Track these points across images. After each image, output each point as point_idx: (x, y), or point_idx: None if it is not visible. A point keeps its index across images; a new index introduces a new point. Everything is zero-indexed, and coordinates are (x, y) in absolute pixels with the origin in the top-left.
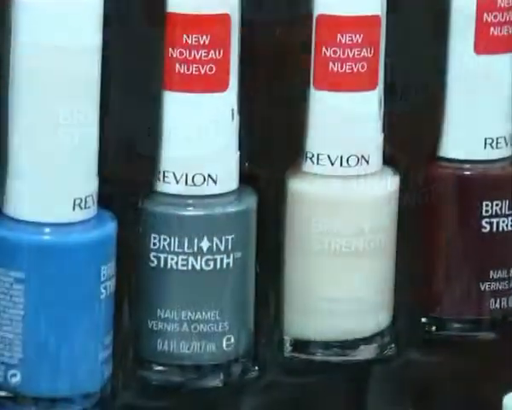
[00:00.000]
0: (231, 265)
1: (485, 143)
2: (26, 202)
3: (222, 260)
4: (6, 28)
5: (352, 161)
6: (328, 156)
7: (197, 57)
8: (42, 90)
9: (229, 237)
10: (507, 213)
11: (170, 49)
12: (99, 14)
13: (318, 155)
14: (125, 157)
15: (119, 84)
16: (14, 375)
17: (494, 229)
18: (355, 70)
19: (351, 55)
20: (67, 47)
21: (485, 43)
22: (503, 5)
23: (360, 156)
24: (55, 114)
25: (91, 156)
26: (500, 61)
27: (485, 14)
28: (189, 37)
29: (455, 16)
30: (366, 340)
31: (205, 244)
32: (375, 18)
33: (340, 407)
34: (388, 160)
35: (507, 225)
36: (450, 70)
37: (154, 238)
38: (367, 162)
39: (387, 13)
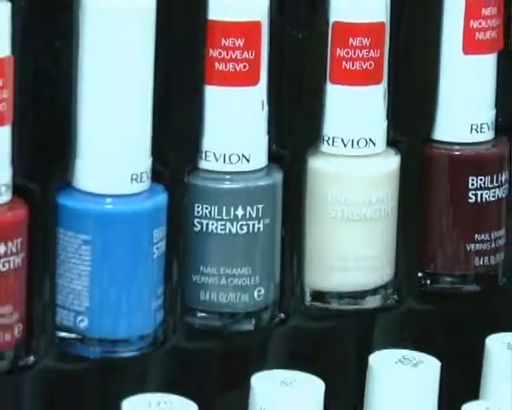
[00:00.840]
0: (261, 229)
1: (472, 129)
2: (92, 177)
3: (253, 225)
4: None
5: (362, 143)
6: (342, 139)
7: (233, 57)
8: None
9: (260, 206)
10: (489, 186)
11: (210, 50)
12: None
13: (333, 138)
14: (173, 140)
15: (170, 79)
16: (82, 320)
17: (479, 200)
18: (364, 68)
19: (360, 56)
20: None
21: (472, 45)
22: (486, 13)
23: (368, 139)
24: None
25: (146, 140)
26: (484, 60)
27: (472, 21)
28: (226, 40)
29: (446, 24)
30: (372, 291)
31: (239, 212)
32: (381, 24)
33: (350, 347)
34: (391, 142)
35: (489, 197)
36: (443, 68)
37: (198, 207)
38: (374, 144)
39: (391, 20)
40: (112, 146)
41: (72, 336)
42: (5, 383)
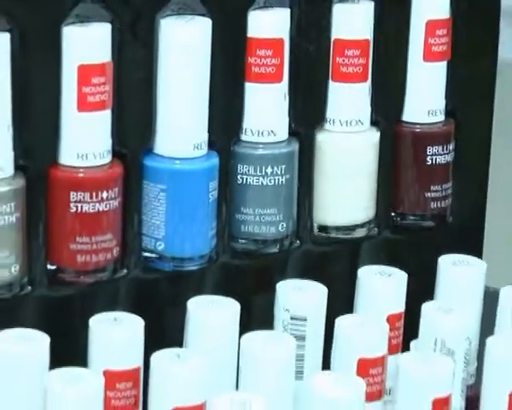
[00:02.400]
0: (284, 182)
1: (429, 113)
2: (167, 145)
3: (278, 179)
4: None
5: (353, 123)
6: (339, 120)
7: (264, 63)
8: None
9: (283, 166)
10: (441, 153)
11: (248, 58)
12: None
13: (333, 119)
14: (223, 120)
15: (220, 78)
16: (160, 244)
17: (433, 162)
18: (355, 71)
19: (352, 62)
20: None
21: (429, 56)
22: (440, 33)
23: (358, 120)
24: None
25: (204, 120)
26: (438, 66)
27: (430, 38)
28: (260, 51)
29: (411, 40)
30: (360, 225)
31: (269, 170)
32: (367, 41)
33: (344, 264)
34: (374, 122)
35: (441, 160)
36: (409, 71)
37: (240, 167)
38: (362, 124)
39: (374, 37)
40: (180, 124)
41: (153, 255)
42: (106, 288)
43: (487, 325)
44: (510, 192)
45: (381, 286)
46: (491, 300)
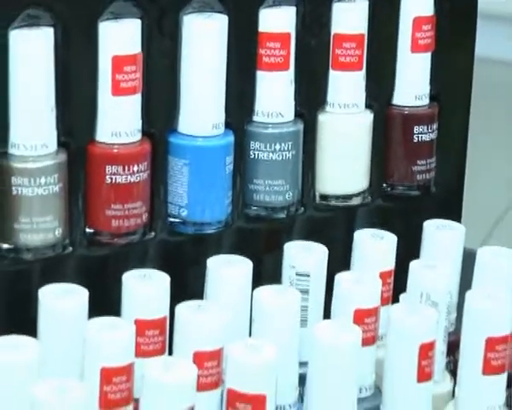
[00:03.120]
0: (290, 157)
1: (416, 97)
2: (189, 125)
3: (285, 154)
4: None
5: (351, 106)
6: (338, 103)
7: (274, 53)
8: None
9: (289, 143)
10: (426, 132)
11: (260, 49)
12: None
13: (333, 103)
14: (238, 103)
15: (235, 67)
16: (183, 211)
17: (420, 140)
18: (352, 61)
19: (350, 53)
20: None
21: (416, 47)
22: (425, 28)
23: (353, 103)
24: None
25: (221, 104)
26: (423, 56)
27: (417, 33)
28: (270, 43)
29: (401, 34)
30: (356, 194)
31: (277, 147)
32: (362, 35)
33: (342, 228)
34: (368, 105)
35: (426, 138)
36: (399, 61)
37: (252, 144)
38: (357, 107)
39: (368, 31)
40: (201, 107)
41: (177, 220)
42: (137, 249)
43: (466, 280)
44: (485, 166)
45: (374, 247)
46: (469, 259)
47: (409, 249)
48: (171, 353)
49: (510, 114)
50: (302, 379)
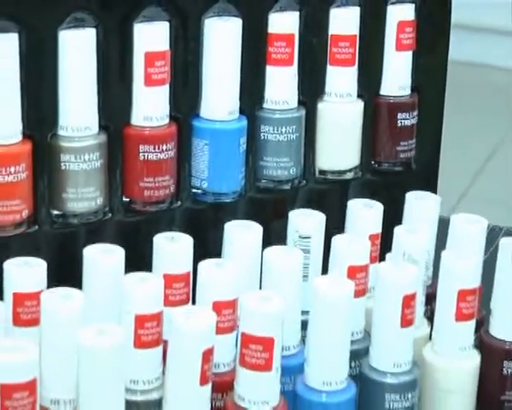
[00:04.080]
0: (294, 138)
1: (399, 88)
2: (209, 111)
3: (290, 136)
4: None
5: (345, 95)
6: (335, 93)
7: (280, 51)
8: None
9: (293, 127)
10: (407, 118)
11: (269, 48)
12: None
13: (331, 92)
14: (250, 93)
15: (248, 62)
16: (204, 183)
17: (403, 124)
18: (346, 57)
19: (344, 51)
20: None
21: (400, 46)
22: (407, 30)
23: (347, 93)
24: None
25: (236, 94)
26: (406, 54)
27: (400, 34)
28: (277, 42)
29: (387, 35)
30: (349, 170)
31: (283, 129)
32: (355, 36)
33: (337, 199)
34: (359, 95)
35: (407, 123)
36: (385, 57)
37: (262, 127)
38: (351, 96)
39: (360, 32)
40: (219, 96)
41: (199, 191)
42: (165, 216)
43: (441, 242)
44: (456, 146)
45: (364, 214)
46: (443, 225)
47: (393, 216)
48: (194, 302)
49: (477, 105)
50: (304, 325)
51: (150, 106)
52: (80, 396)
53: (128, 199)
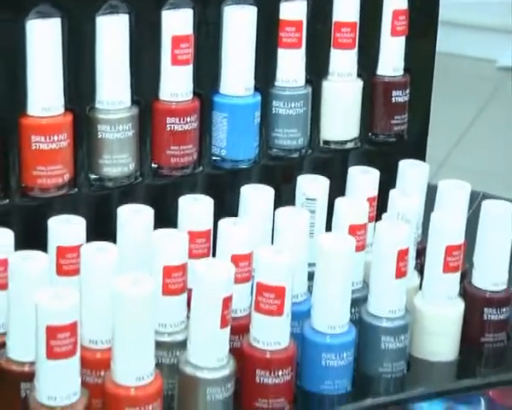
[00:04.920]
0: (302, 113)
1: (393, 69)
2: (228, 87)
3: (299, 110)
4: None
5: (346, 75)
6: (337, 73)
7: (291, 36)
8: None
9: (301, 102)
10: (400, 95)
11: (280, 32)
12: None
13: (334, 72)
14: (265, 72)
15: (262, 45)
16: (223, 151)
17: (397, 101)
18: (347, 42)
19: (346, 36)
20: None
21: (395, 32)
22: (401, 18)
23: (348, 73)
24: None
25: (251, 73)
26: (400, 39)
27: (395, 21)
28: (288, 28)
29: (383, 22)
30: (349, 140)
31: (292, 104)
32: (355, 22)
33: (338, 166)
34: (358, 75)
35: (400, 100)
36: (382, 42)
37: (275, 102)
38: (351, 75)
39: (360, 19)
40: (236, 74)
41: (218, 158)
42: (188, 180)
43: (429, 205)
44: (443, 120)
45: (363, 179)
46: (432, 190)
47: (388, 181)
48: (214, 256)
49: (461, 85)
50: (310, 276)
51: (176, 83)
52: (115, 337)
53: (156, 165)
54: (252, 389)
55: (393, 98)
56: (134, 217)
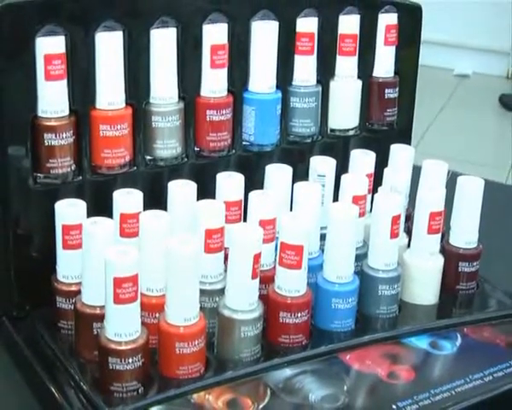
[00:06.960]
0: (313, 107)
1: (386, 72)
2: (255, 86)
3: (311, 104)
4: None
5: (347, 76)
6: (342, 75)
7: (305, 45)
8: None
9: (313, 98)
10: (392, 92)
11: (297, 42)
12: None
13: (339, 74)
14: (284, 72)
15: (282, 52)
16: (251, 137)
17: (389, 96)
18: (350, 50)
19: (349, 45)
20: None
21: (387, 42)
22: (392, 32)
23: (350, 75)
24: (263, 62)
25: (273, 73)
26: (391, 48)
27: (387, 34)
28: (304, 38)
29: (378, 33)
30: (351, 129)
31: (306, 100)
32: (356, 34)
33: (343, 149)
34: (358, 76)
35: (392, 96)
36: (377, 51)
37: (292, 98)
38: (352, 77)
39: (360, 32)
40: (262, 75)
41: (248, 143)
42: (224, 160)
43: (415, 182)
44: (427, 112)
45: (362, 160)
46: (417, 170)
47: (382, 161)
48: (245, 221)
49: (441, 87)
50: (322, 237)
51: (214, 82)
52: (168, 286)
53: (198, 149)
54: (276, 328)
55: (386, 95)
56: (181, 190)
